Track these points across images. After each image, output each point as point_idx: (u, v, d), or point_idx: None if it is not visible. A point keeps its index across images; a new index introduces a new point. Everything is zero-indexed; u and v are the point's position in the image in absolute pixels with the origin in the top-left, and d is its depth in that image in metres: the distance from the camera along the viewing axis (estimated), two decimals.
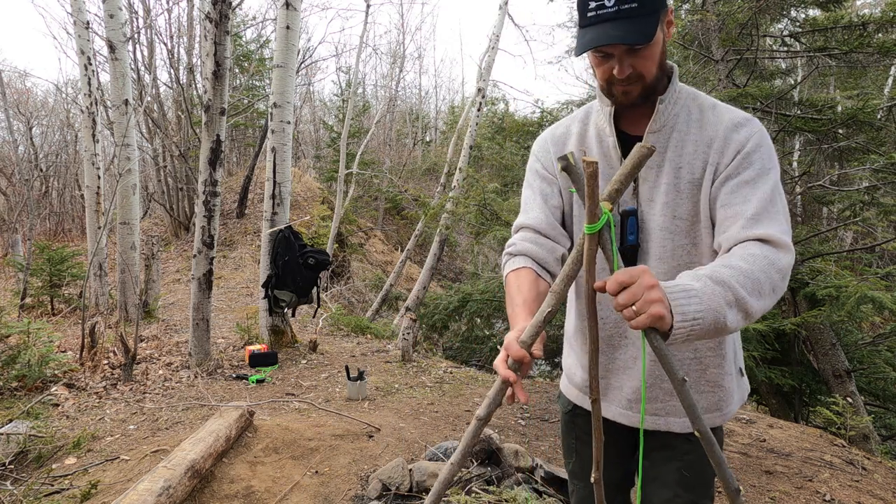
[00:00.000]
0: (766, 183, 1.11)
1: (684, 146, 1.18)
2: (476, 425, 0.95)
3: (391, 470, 2.86)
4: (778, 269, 1.02)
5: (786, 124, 6.32)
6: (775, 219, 1.08)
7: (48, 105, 18.91)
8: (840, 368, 5.57)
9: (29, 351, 4.35)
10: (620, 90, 1.16)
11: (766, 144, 1.15)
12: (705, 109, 1.20)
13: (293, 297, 5.51)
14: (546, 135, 1.37)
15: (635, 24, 1.06)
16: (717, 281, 0.95)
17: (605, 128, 1.26)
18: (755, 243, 1.05)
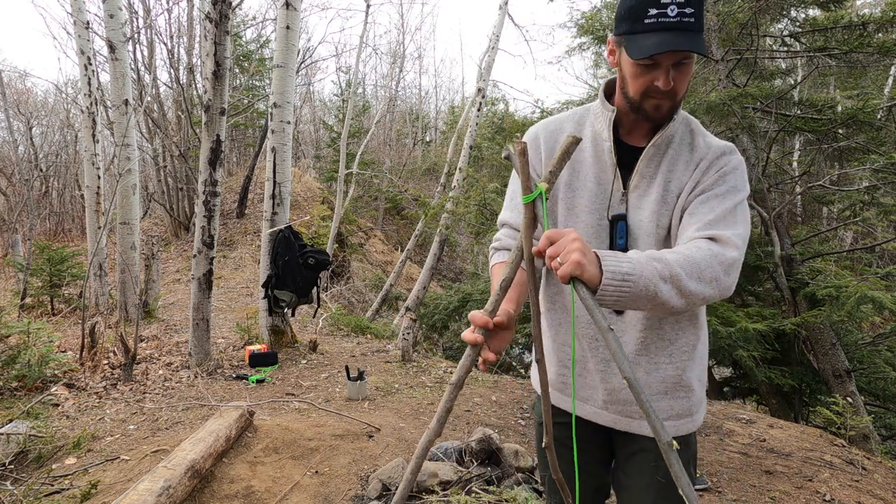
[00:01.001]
0: (733, 198, 1.19)
1: (676, 163, 1.25)
2: (450, 390, 1.00)
3: (391, 470, 2.86)
4: (721, 261, 1.08)
5: (786, 124, 6.32)
6: (731, 225, 1.15)
7: (48, 105, 18.92)
8: (840, 368, 5.57)
9: (29, 351, 4.35)
10: (653, 104, 1.19)
11: (742, 170, 1.25)
12: (696, 135, 1.29)
13: (293, 297, 5.51)
14: (538, 128, 1.38)
15: (694, 38, 1.11)
16: (655, 257, 1.02)
17: (602, 132, 1.30)
18: (704, 240, 1.12)
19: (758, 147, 6.46)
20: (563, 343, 1.39)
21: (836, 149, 6.37)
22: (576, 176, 1.31)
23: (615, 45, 1.22)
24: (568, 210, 1.31)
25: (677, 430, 1.33)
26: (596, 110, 1.32)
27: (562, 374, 1.41)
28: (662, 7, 1.10)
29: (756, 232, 7.23)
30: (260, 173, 13.07)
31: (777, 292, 6.32)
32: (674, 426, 1.33)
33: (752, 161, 6.35)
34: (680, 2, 1.09)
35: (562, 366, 1.41)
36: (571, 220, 1.31)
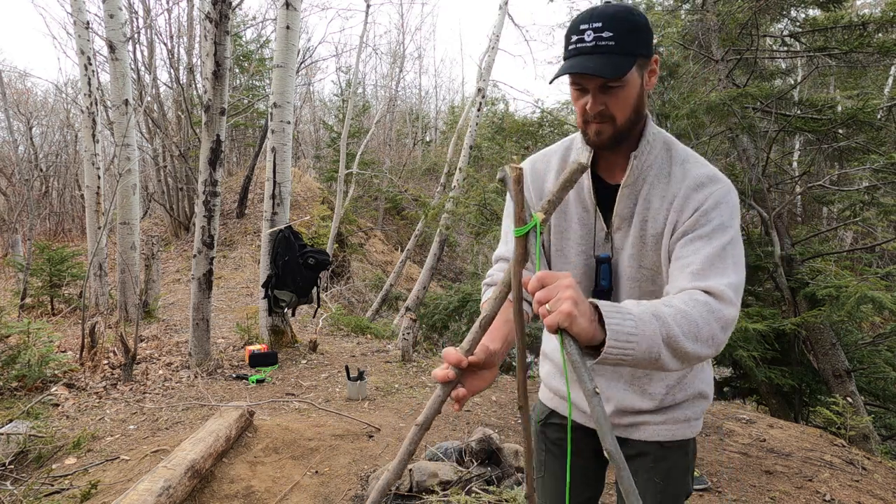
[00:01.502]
0: (720, 238, 1.12)
1: (651, 200, 1.21)
2: (415, 431, 0.94)
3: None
4: (718, 318, 1.01)
5: (786, 124, 6.32)
6: (724, 273, 1.08)
7: (48, 105, 18.92)
8: (840, 368, 5.57)
9: (29, 351, 4.35)
10: (593, 129, 1.17)
11: (726, 203, 1.15)
12: (675, 164, 1.22)
13: (293, 297, 5.51)
14: (527, 165, 1.38)
15: (609, 60, 1.08)
16: (655, 314, 0.94)
17: None
18: (700, 292, 1.04)
19: (758, 147, 6.46)
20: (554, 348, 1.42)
21: (836, 149, 6.37)
22: (563, 217, 1.30)
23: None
24: (557, 251, 1.32)
25: (673, 435, 1.32)
26: (578, 144, 1.31)
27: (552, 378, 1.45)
28: (580, 33, 1.10)
29: (756, 232, 7.23)
30: (260, 173, 13.07)
31: (777, 292, 6.32)
32: (670, 430, 1.32)
33: (752, 161, 6.35)
34: (597, 26, 1.09)
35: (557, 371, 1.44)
36: (561, 262, 1.31)
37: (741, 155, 6.46)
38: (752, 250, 6.33)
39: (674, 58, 7.51)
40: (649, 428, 1.33)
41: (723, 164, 8.24)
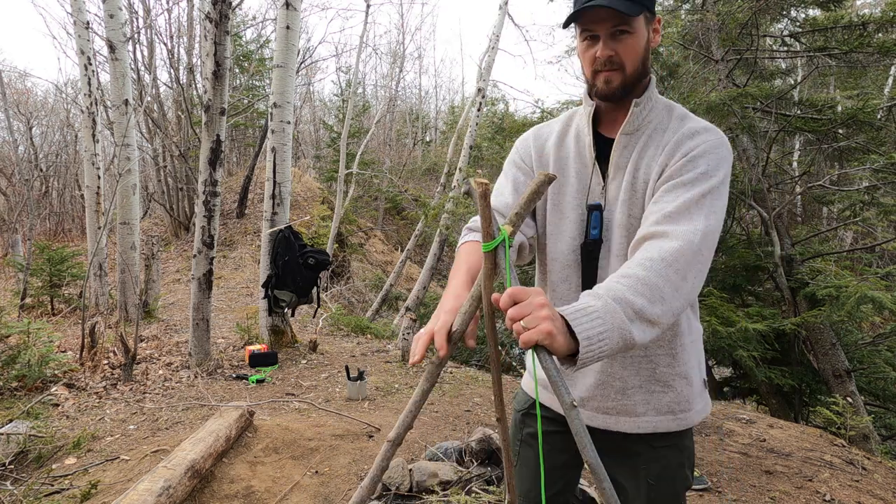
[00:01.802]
0: (701, 185, 1.10)
1: (647, 149, 1.22)
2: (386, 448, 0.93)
3: (391, 470, 2.85)
4: (678, 269, 1.00)
5: (786, 124, 6.32)
6: (691, 219, 1.06)
7: (48, 105, 18.92)
8: (840, 368, 5.57)
9: (29, 351, 4.35)
10: (602, 78, 1.20)
11: (716, 152, 1.14)
12: (674, 119, 1.24)
13: (293, 297, 5.51)
14: (530, 132, 1.42)
15: (621, 2, 1.12)
16: (615, 298, 0.94)
17: (583, 128, 1.31)
18: (654, 241, 1.04)
19: (758, 147, 6.46)
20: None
21: (836, 149, 6.37)
22: (561, 173, 1.32)
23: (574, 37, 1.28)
24: (554, 206, 1.32)
25: (655, 427, 1.27)
26: (581, 110, 1.35)
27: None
28: None
29: (756, 232, 7.23)
30: (260, 173, 13.07)
31: (777, 292, 6.32)
32: (651, 422, 1.27)
33: (752, 161, 6.35)
34: None
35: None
36: (556, 217, 1.31)
37: (741, 155, 6.46)
38: (751, 250, 6.33)
39: (674, 58, 7.51)
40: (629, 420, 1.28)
41: None
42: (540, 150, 1.36)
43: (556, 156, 1.33)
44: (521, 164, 1.38)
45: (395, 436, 0.92)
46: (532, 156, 1.37)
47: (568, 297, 1.31)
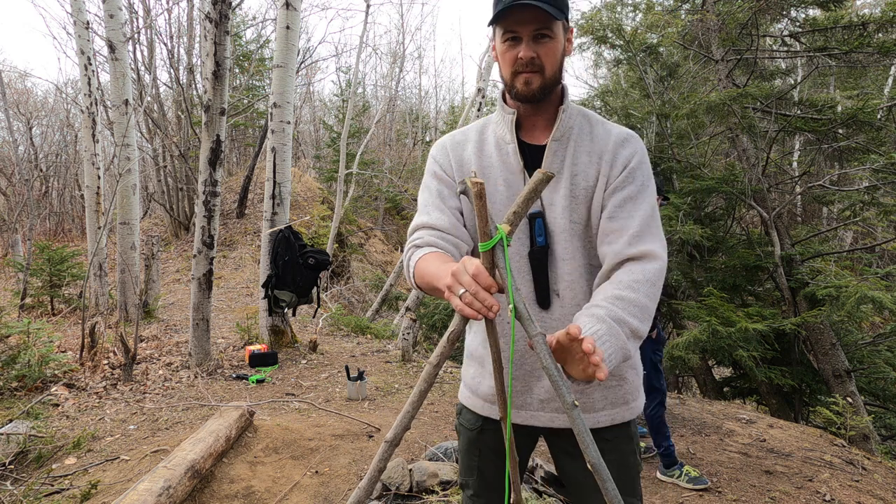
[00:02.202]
0: (646, 200, 1.25)
1: (579, 156, 1.28)
2: (384, 448, 0.92)
3: (391, 470, 2.85)
4: (657, 284, 1.17)
5: (786, 124, 6.32)
6: (656, 235, 1.23)
7: (48, 105, 18.92)
8: (840, 368, 5.57)
9: (29, 351, 4.35)
10: (523, 79, 1.22)
11: (646, 162, 1.29)
12: (594, 124, 1.32)
13: (293, 297, 5.51)
14: (445, 140, 1.40)
15: (546, 3, 1.16)
16: (617, 320, 1.07)
17: (505, 135, 1.32)
18: (637, 264, 1.18)
19: (758, 147, 6.46)
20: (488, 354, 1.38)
21: (836, 149, 6.37)
22: (486, 182, 1.30)
23: (491, 38, 1.29)
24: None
25: (612, 419, 1.33)
26: (496, 117, 1.35)
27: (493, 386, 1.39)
28: None
29: (756, 232, 7.23)
30: (260, 173, 13.07)
31: (777, 292, 6.32)
32: (608, 415, 1.33)
33: (752, 161, 6.35)
34: None
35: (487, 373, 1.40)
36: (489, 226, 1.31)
37: (741, 155, 6.46)
38: (752, 250, 6.33)
39: (674, 58, 7.51)
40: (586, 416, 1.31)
41: (723, 164, 8.24)
42: (459, 159, 1.34)
43: (479, 164, 1.32)
44: (444, 175, 1.35)
45: (393, 436, 0.92)
46: (452, 165, 1.34)
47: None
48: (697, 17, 6.56)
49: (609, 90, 9.69)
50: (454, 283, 0.93)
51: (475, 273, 0.91)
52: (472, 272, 0.91)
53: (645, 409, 3.22)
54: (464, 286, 0.91)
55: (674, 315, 7.05)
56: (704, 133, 7.46)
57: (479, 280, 0.91)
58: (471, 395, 1.44)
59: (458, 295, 0.91)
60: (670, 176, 7.04)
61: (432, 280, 1.09)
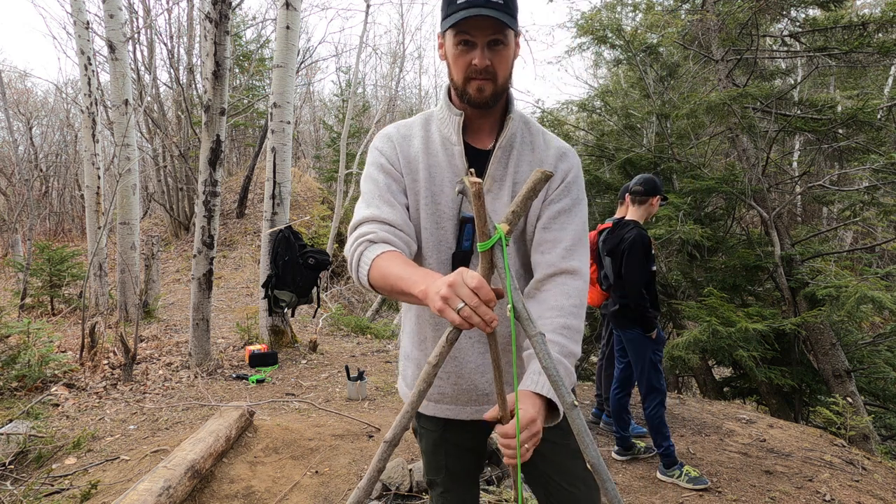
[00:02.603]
0: (579, 215, 1.31)
1: (520, 165, 1.31)
2: (383, 448, 0.91)
3: (391, 470, 2.86)
4: (584, 305, 1.27)
5: (786, 124, 6.32)
6: (585, 250, 1.30)
7: (48, 105, 18.92)
8: (840, 368, 5.57)
9: (29, 351, 4.35)
10: (476, 85, 1.22)
11: (581, 176, 1.35)
12: (535, 135, 1.35)
13: (293, 297, 5.51)
14: (390, 131, 1.37)
15: (501, 13, 1.16)
16: (568, 354, 1.19)
17: (451, 136, 1.31)
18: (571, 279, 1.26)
19: (758, 147, 6.46)
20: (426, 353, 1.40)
21: (836, 149, 6.37)
22: (433, 182, 1.30)
23: (441, 38, 1.26)
24: (430, 215, 1.31)
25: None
26: (441, 115, 1.33)
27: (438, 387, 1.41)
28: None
29: (756, 232, 7.23)
30: (260, 173, 13.07)
31: (777, 292, 6.32)
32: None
33: (752, 161, 6.35)
34: None
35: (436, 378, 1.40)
36: (433, 225, 1.30)
37: (741, 155, 6.46)
38: (752, 250, 6.33)
39: (674, 58, 7.51)
40: None
41: (723, 164, 8.24)
42: (406, 155, 1.32)
43: (426, 162, 1.31)
44: (391, 169, 1.32)
45: (392, 437, 0.91)
46: (399, 160, 1.32)
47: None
48: (697, 17, 6.56)
49: (609, 90, 9.69)
50: (451, 296, 0.89)
51: (477, 286, 0.89)
52: (473, 286, 0.89)
53: (645, 409, 3.22)
54: (463, 300, 0.89)
55: (674, 315, 7.05)
56: (704, 133, 7.46)
57: (480, 293, 0.89)
58: (431, 403, 1.43)
59: (457, 309, 0.89)
60: (670, 176, 7.04)
61: (401, 284, 1.06)
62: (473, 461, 1.50)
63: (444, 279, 0.93)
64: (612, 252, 3.30)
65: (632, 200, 3.33)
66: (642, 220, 3.30)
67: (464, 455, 1.46)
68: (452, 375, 1.38)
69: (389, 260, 1.12)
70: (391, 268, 1.10)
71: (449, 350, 0.93)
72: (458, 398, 1.40)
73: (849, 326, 6.09)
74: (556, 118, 8.08)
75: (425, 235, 1.31)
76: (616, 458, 3.48)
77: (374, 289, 1.17)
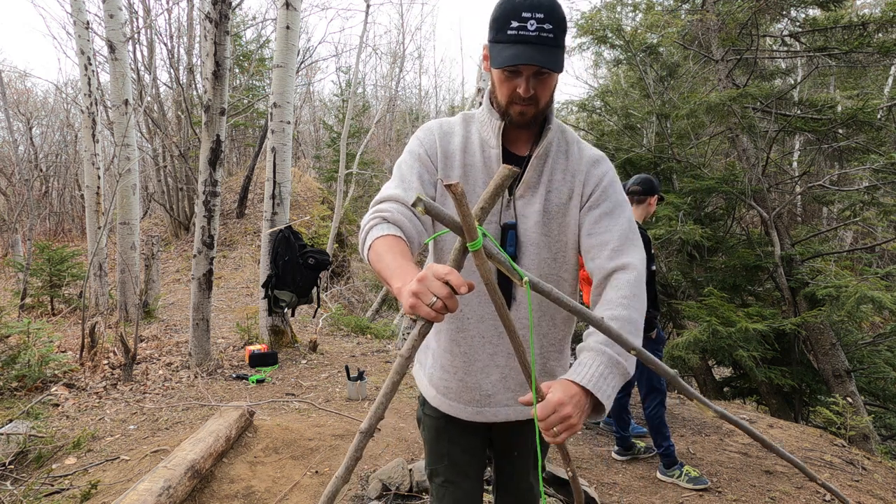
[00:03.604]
0: (622, 215, 1.30)
1: (554, 173, 1.33)
2: (359, 438, 0.92)
3: (391, 470, 2.86)
4: (643, 297, 1.21)
5: (786, 124, 6.32)
6: (634, 248, 1.26)
7: (48, 105, 18.92)
8: (840, 368, 5.57)
9: (29, 351, 4.35)
10: (518, 109, 1.25)
11: (617, 181, 1.35)
12: (571, 144, 1.36)
13: (293, 297, 5.51)
14: (434, 125, 1.40)
15: (552, 53, 1.17)
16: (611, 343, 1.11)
17: (490, 140, 1.34)
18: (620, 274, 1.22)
19: (758, 147, 6.46)
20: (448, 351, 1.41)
21: (836, 149, 6.37)
22: (467, 181, 1.34)
23: (487, 52, 1.26)
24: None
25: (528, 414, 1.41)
26: (482, 117, 1.36)
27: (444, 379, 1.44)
28: (523, 21, 1.16)
29: (756, 232, 7.23)
30: (260, 173, 13.06)
31: (777, 292, 6.32)
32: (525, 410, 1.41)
33: (752, 161, 6.35)
34: (539, 17, 1.15)
35: (444, 371, 1.44)
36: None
37: (741, 155, 6.46)
38: (752, 250, 6.33)
39: (674, 58, 7.51)
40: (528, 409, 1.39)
41: (723, 164, 8.24)
42: (446, 150, 1.35)
43: (463, 161, 1.34)
44: (427, 161, 1.35)
45: (367, 426, 0.92)
46: (438, 154, 1.35)
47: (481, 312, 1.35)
48: (697, 17, 6.56)
49: (609, 90, 9.68)
50: (423, 292, 0.91)
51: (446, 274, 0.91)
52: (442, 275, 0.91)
53: (645, 409, 3.22)
54: (434, 293, 0.90)
55: (674, 315, 7.05)
56: (704, 133, 7.46)
57: (451, 280, 0.90)
58: (437, 394, 1.47)
59: (430, 304, 0.90)
60: (670, 176, 7.04)
61: (385, 273, 1.08)
62: (476, 455, 1.50)
63: (410, 272, 0.99)
64: None
65: (629, 201, 3.33)
66: (641, 220, 3.29)
67: (467, 445, 1.47)
68: (459, 371, 1.40)
69: (388, 245, 1.14)
70: (384, 254, 1.12)
71: (420, 343, 0.93)
72: (462, 395, 1.42)
73: (849, 326, 6.09)
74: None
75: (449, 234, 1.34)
76: (616, 458, 3.48)
77: (371, 265, 1.20)
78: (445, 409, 1.46)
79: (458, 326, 1.38)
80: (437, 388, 1.46)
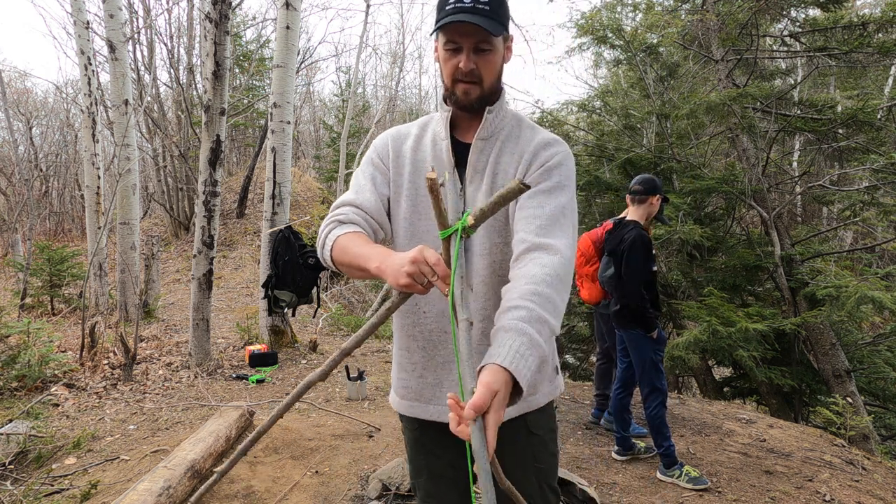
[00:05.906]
0: (561, 196, 1.24)
1: (502, 156, 1.31)
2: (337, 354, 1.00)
3: (391, 470, 2.86)
4: (565, 282, 1.13)
5: (786, 124, 6.32)
6: (564, 231, 1.20)
7: (48, 105, 18.92)
8: (840, 368, 5.57)
9: (29, 351, 4.35)
10: (462, 88, 1.26)
11: (567, 165, 1.29)
12: (524, 128, 1.35)
13: (293, 297, 5.51)
14: (390, 132, 1.45)
15: (487, 20, 1.20)
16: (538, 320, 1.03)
17: (440, 132, 1.36)
18: (544, 254, 1.14)
19: (758, 147, 6.46)
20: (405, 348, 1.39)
21: (836, 149, 6.37)
22: (418, 175, 1.35)
23: (436, 42, 1.29)
24: (413, 207, 1.34)
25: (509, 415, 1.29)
26: (436, 115, 1.39)
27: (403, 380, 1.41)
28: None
29: (756, 232, 7.23)
30: (260, 173, 13.06)
31: (777, 292, 6.32)
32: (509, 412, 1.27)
33: (752, 161, 6.35)
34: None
35: (402, 370, 1.41)
36: (416, 218, 1.34)
37: (741, 155, 6.46)
38: (752, 250, 6.33)
39: (674, 58, 7.51)
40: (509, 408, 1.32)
41: (723, 164, 8.23)
42: (397, 151, 1.39)
43: (413, 158, 1.36)
44: (380, 163, 1.39)
45: (349, 346, 1.01)
46: (390, 156, 1.39)
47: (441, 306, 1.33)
48: (697, 17, 6.56)
49: (609, 90, 9.68)
50: (416, 272, 1.01)
51: (436, 263, 1.01)
52: (433, 262, 1.01)
53: (646, 410, 3.22)
54: (427, 276, 1.01)
55: (674, 315, 7.04)
56: (704, 133, 7.46)
57: (438, 270, 1.01)
58: (400, 400, 1.44)
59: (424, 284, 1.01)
60: (670, 176, 7.04)
61: (359, 260, 1.15)
62: (458, 466, 1.41)
63: (405, 256, 1.04)
64: (612, 252, 3.30)
65: (631, 200, 3.33)
66: (643, 220, 3.29)
67: (444, 455, 1.40)
68: (418, 367, 1.37)
69: (350, 239, 1.21)
70: (351, 246, 1.19)
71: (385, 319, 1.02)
72: (423, 394, 1.38)
73: (849, 326, 6.09)
74: (556, 118, 8.08)
75: (404, 225, 1.35)
76: (616, 457, 3.48)
77: (336, 265, 1.24)
78: (407, 412, 1.42)
79: (413, 321, 1.36)
80: (398, 393, 1.43)
